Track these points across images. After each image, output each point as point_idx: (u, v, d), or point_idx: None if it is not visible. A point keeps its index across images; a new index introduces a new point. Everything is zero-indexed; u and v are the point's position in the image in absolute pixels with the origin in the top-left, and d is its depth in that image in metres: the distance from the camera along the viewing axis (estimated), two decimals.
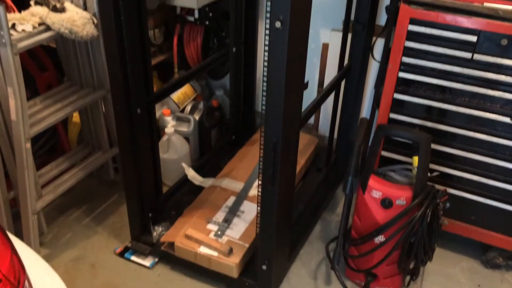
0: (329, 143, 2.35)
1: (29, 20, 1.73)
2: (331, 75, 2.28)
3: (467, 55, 1.72)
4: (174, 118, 2.50)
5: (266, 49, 1.34)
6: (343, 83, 2.19)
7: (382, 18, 2.15)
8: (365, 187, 1.75)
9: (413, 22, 1.74)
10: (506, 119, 1.75)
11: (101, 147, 2.30)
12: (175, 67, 2.55)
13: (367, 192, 1.75)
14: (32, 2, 1.85)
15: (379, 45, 2.17)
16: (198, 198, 2.16)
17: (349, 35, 2.11)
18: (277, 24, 1.27)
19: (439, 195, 1.70)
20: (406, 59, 1.81)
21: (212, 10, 2.40)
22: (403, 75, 1.84)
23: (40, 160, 2.30)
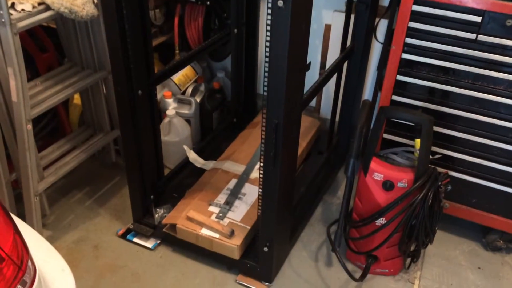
0: (331, 126, 2.34)
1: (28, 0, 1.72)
2: (333, 56, 2.27)
3: (471, 36, 1.70)
4: (175, 100, 2.49)
5: (268, 28, 1.32)
6: (345, 65, 2.17)
7: None
8: (366, 169, 1.75)
9: (417, 2, 1.72)
10: (510, 101, 1.73)
11: (102, 129, 2.29)
12: (176, 48, 2.53)
13: (369, 175, 1.75)
14: None
15: (382, 26, 2.15)
16: (200, 181, 2.16)
17: (352, 16, 2.09)
18: (280, 3, 1.26)
19: (440, 178, 1.69)
20: (409, 40, 1.79)
21: None
22: (406, 56, 1.83)
23: (42, 142, 2.30)
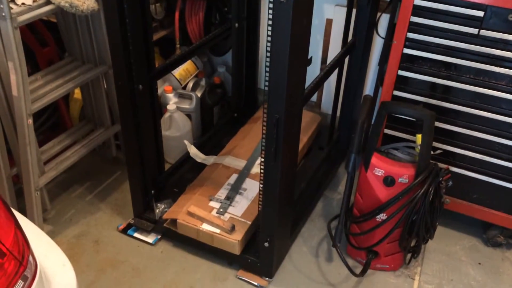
0: (332, 121, 2.34)
1: None
2: (335, 51, 2.26)
3: (473, 30, 1.69)
4: (176, 95, 2.49)
5: (270, 23, 1.32)
6: (346, 60, 2.16)
7: None
8: (367, 165, 1.75)
9: None
10: (511, 97, 1.73)
11: (103, 124, 2.29)
12: (177, 43, 2.52)
13: (370, 170, 1.74)
14: None
15: (383, 20, 2.14)
16: (200, 176, 2.16)
17: (353, 11, 2.08)
18: None
19: (441, 173, 1.69)
20: (411, 35, 1.79)
21: None
22: (408, 51, 1.82)
23: (42, 137, 2.30)
